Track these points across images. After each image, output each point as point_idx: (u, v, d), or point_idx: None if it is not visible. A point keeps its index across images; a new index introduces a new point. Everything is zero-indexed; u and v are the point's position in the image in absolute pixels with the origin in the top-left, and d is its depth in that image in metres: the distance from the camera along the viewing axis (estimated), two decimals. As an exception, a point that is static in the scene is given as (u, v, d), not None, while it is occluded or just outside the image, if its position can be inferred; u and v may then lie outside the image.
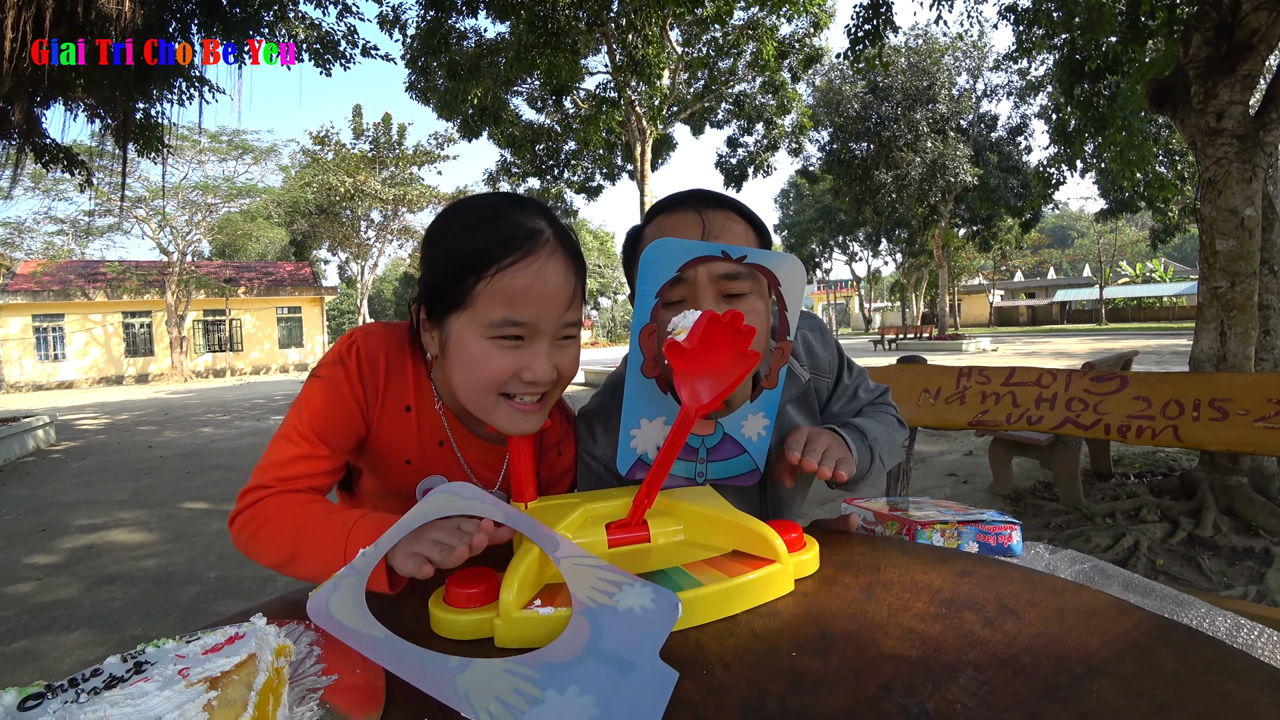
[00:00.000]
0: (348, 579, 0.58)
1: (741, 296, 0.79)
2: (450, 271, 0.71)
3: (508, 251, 0.70)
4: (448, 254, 0.72)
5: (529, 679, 0.48)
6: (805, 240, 32.68)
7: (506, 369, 0.72)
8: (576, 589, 0.57)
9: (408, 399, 0.84)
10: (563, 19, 8.28)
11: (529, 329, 0.71)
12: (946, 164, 19.44)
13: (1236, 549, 2.76)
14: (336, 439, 0.82)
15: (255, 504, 0.79)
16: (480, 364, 0.71)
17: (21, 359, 24.02)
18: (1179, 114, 3.39)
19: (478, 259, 0.70)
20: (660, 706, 0.46)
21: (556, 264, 0.72)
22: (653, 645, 0.52)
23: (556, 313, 0.72)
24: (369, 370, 0.81)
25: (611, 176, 17.15)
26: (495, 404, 0.74)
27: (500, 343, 0.71)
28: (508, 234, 0.71)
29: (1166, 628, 0.53)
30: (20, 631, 2.65)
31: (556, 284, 0.72)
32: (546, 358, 0.73)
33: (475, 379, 0.72)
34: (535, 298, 0.70)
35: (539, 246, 0.71)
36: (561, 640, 0.53)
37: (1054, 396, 1.75)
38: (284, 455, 0.80)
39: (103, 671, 0.44)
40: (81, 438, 9.01)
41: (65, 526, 4.28)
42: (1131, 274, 46.01)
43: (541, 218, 0.74)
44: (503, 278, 0.69)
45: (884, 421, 0.98)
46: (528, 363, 0.72)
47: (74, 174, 6.62)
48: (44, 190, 21.47)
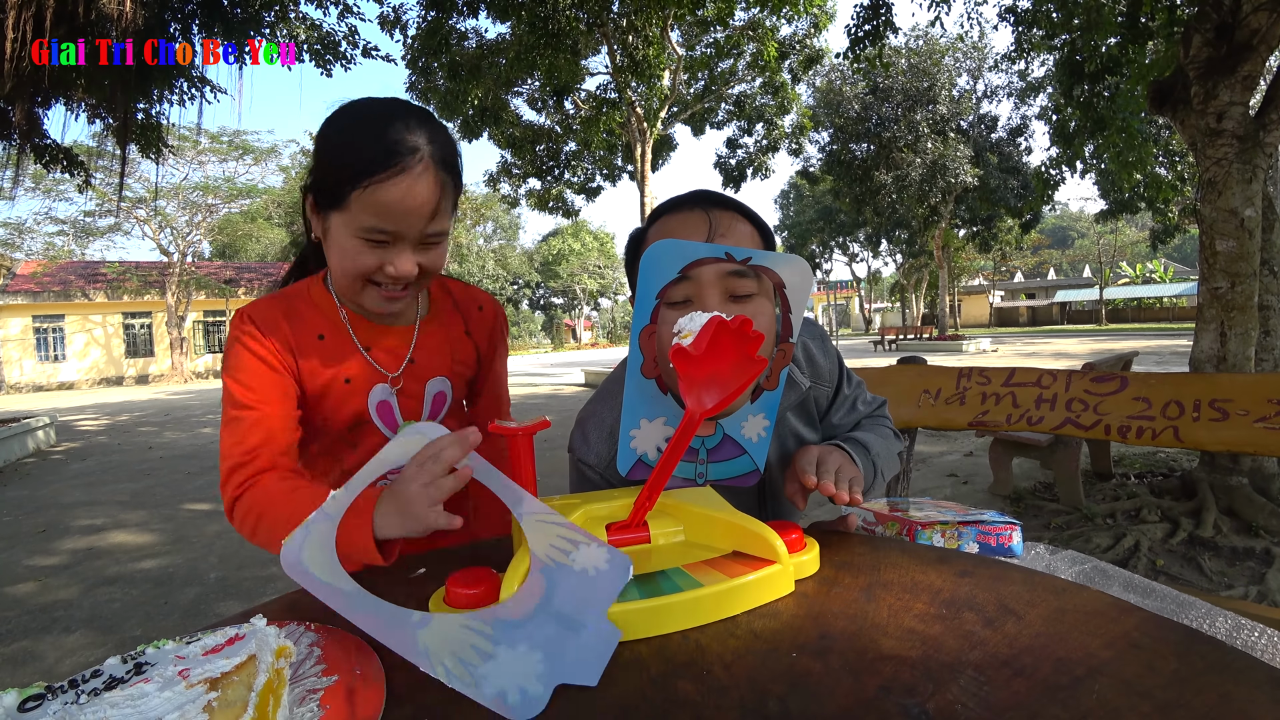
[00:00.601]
0: (318, 525, 0.58)
1: (749, 298, 0.78)
2: (331, 175, 0.78)
3: (381, 167, 0.75)
4: (330, 158, 0.79)
5: (483, 634, 0.52)
6: (805, 241, 32.69)
7: (373, 265, 0.81)
8: (535, 545, 0.58)
9: (318, 329, 0.91)
10: (563, 20, 8.29)
11: (394, 235, 0.79)
12: (947, 165, 19.45)
13: (1237, 549, 2.76)
14: (272, 392, 0.86)
15: (242, 495, 0.82)
16: (351, 257, 0.80)
17: (22, 360, 24.04)
18: (1179, 115, 3.39)
19: (354, 170, 0.75)
20: (601, 664, 0.49)
21: (426, 181, 0.78)
22: (602, 605, 0.54)
23: (420, 224, 0.80)
24: (267, 326, 0.87)
25: (612, 177, 17.14)
26: (363, 290, 0.84)
27: (369, 243, 0.79)
28: (384, 148, 0.75)
29: (1167, 628, 0.53)
30: (20, 632, 2.65)
31: (423, 200, 0.78)
32: (409, 258, 0.81)
33: (346, 268, 0.82)
34: (402, 211, 0.77)
35: (412, 164, 0.76)
36: (517, 597, 0.55)
37: (1054, 397, 1.75)
38: (236, 435, 0.83)
39: (103, 673, 0.44)
40: (82, 439, 9.01)
41: (65, 527, 4.28)
42: (1131, 275, 46.01)
43: (422, 132, 0.79)
44: (374, 190, 0.75)
45: (883, 435, 0.99)
46: (392, 260, 0.80)
47: (74, 174, 6.62)
48: (44, 191, 21.49)
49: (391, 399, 0.92)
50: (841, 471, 0.79)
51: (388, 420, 0.92)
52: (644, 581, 0.62)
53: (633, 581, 0.62)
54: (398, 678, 0.52)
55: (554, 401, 11.08)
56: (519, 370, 21.53)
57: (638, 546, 0.72)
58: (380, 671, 0.51)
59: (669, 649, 0.54)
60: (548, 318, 54.02)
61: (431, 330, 0.97)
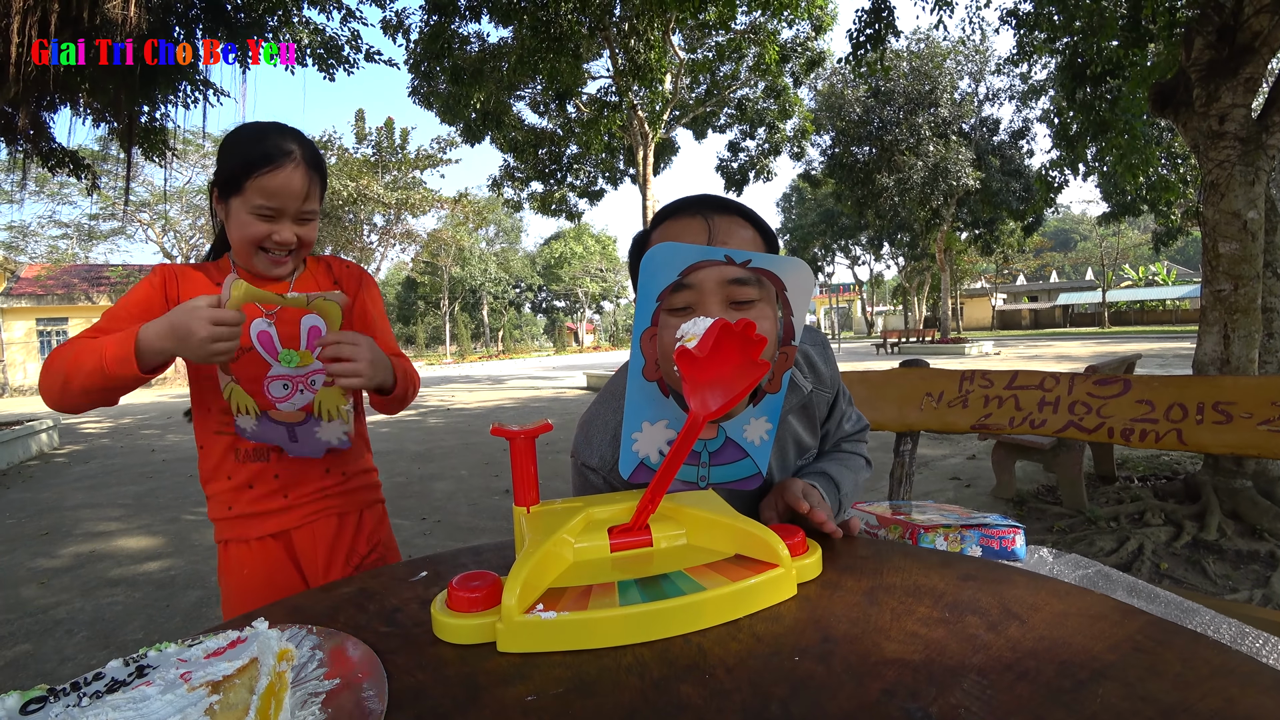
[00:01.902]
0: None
1: (751, 304, 0.78)
2: (232, 171, 1.03)
3: (268, 162, 1.02)
4: (232, 160, 1.04)
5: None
6: (808, 244, 32.71)
7: (263, 232, 1.05)
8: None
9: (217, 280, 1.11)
10: (565, 24, 8.31)
11: (277, 211, 1.05)
12: (949, 168, 19.44)
13: (1241, 552, 2.75)
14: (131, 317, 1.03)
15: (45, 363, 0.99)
16: (246, 228, 1.05)
17: (25, 363, 24.10)
18: (1181, 117, 3.39)
19: (248, 165, 1.02)
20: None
21: (298, 173, 1.05)
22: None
23: (296, 204, 1.06)
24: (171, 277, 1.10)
25: (614, 180, 17.16)
26: (255, 255, 1.08)
27: (260, 217, 1.04)
28: (270, 150, 1.03)
29: (1171, 631, 0.53)
30: (22, 635, 2.66)
31: (297, 186, 1.05)
32: (290, 228, 1.07)
33: (243, 237, 1.06)
34: (282, 193, 1.04)
35: (287, 162, 1.04)
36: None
37: (1057, 400, 1.74)
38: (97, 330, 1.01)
39: (105, 675, 0.44)
40: (85, 441, 9.03)
41: (68, 530, 4.28)
42: (1134, 277, 45.93)
43: (294, 142, 1.06)
44: (262, 179, 1.02)
45: (854, 468, 1.05)
46: (277, 229, 1.06)
47: (80, 178, 6.65)
48: (49, 194, 21.57)
49: (270, 329, 1.09)
50: (821, 506, 0.85)
51: (268, 347, 1.08)
52: (646, 585, 0.62)
53: (635, 585, 0.62)
54: (400, 681, 0.52)
55: (556, 405, 11.08)
56: (521, 373, 21.53)
57: (640, 550, 0.72)
58: (382, 675, 0.51)
59: (671, 652, 0.54)
60: (550, 321, 54.08)
61: (305, 280, 1.19)
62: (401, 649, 0.57)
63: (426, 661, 0.55)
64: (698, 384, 0.65)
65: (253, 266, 1.10)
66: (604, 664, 0.53)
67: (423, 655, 0.56)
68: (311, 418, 1.09)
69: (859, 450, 1.09)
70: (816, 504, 0.84)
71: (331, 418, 1.10)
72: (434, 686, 0.51)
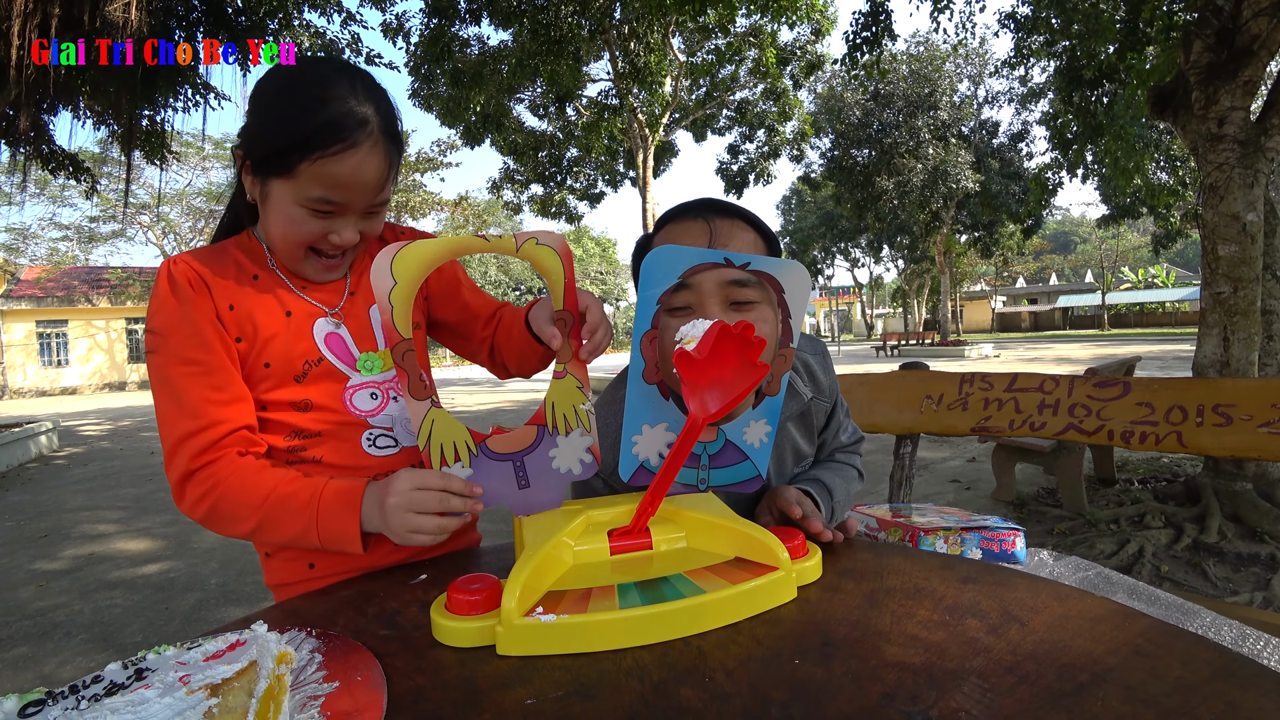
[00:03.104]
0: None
1: (750, 306, 0.78)
2: (278, 142, 0.74)
3: (333, 141, 0.73)
4: (278, 126, 0.74)
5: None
6: (808, 246, 32.72)
7: (318, 233, 0.80)
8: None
9: (251, 271, 0.85)
10: (565, 26, 8.33)
11: (341, 207, 0.78)
12: (948, 170, 19.46)
13: (1242, 555, 2.75)
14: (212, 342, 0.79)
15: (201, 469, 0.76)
16: (295, 225, 0.78)
17: (25, 365, 24.10)
18: (1180, 120, 3.39)
19: (306, 141, 0.73)
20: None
21: (375, 154, 0.76)
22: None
23: (369, 197, 0.79)
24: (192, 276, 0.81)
25: (614, 183, 17.19)
26: (304, 257, 0.83)
27: (314, 212, 0.78)
28: (337, 122, 0.73)
29: (1172, 634, 0.53)
30: (21, 638, 2.65)
31: (372, 174, 0.77)
32: (354, 227, 0.81)
33: (289, 235, 0.80)
34: (351, 185, 0.76)
35: (363, 139, 0.75)
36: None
37: (1057, 402, 1.74)
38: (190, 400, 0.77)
39: (104, 678, 0.44)
40: (84, 444, 9.03)
41: (67, 533, 4.28)
42: (1134, 279, 45.98)
43: (370, 103, 0.76)
44: (325, 164, 0.74)
45: (847, 478, 1.04)
46: (337, 229, 0.80)
47: (80, 180, 6.66)
48: (50, 197, 21.59)
49: (340, 330, 0.87)
50: (815, 515, 0.86)
51: (340, 353, 0.86)
52: (646, 588, 0.62)
53: (635, 587, 0.62)
54: (399, 684, 0.51)
55: (556, 407, 11.05)
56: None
57: (640, 553, 0.72)
58: (381, 678, 0.51)
59: (671, 655, 0.54)
60: (550, 323, 53.98)
61: (365, 263, 0.91)
62: (401, 652, 0.57)
63: (426, 665, 0.55)
64: (697, 386, 0.65)
65: (297, 269, 0.85)
66: (604, 667, 0.53)
67: (422, 658, 0.56)
68: (544, 434, 0.76)
69: (853, 462, 1.09)
70: (810, 513, 0.84)
71: (570, 426, 0.77)
72: (433, 690, 0.51)
